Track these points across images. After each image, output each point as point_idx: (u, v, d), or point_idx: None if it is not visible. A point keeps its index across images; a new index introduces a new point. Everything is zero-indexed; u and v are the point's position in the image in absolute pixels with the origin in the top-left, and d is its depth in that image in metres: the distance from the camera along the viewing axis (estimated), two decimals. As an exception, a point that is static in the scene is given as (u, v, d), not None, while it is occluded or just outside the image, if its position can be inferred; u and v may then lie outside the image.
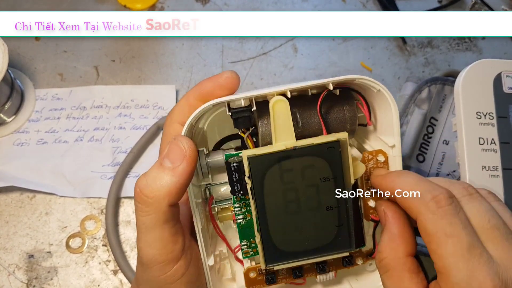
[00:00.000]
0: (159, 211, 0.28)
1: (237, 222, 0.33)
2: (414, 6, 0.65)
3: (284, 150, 0.30)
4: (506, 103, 0.38)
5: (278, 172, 0.30)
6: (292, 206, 0.30)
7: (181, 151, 0.28)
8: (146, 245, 0.29)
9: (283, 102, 0.30)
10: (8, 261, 0.50)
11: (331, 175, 0.30)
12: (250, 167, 0.30)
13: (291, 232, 0.31)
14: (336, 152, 0.30)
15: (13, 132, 0.55)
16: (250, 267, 0.33)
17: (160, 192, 0.28)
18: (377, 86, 0.31)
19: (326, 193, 0.30)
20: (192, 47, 0.61)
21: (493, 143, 0.38)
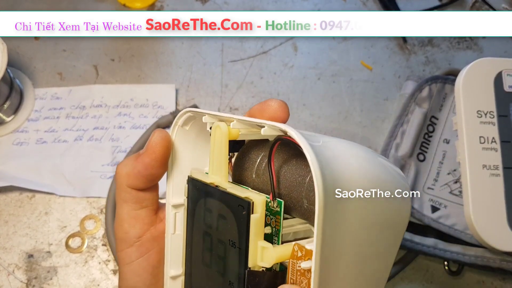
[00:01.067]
0: (119, 188, 0.30)
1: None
2: (414, 4, 0.65)
3: (210, 184, 0.25)
4: (506, 101, 0.38)
5: (204, 207, 0.26)
6: (207, 256, 0.26)
7: (150, 140, 0.29)
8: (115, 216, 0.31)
9: (219, 129, 0.25)
10: (7, 261, 0.50)
11: (237, 242, 0.23)
12: (188, 188, 0.28)
13: (203, 284, 0.27)
14: (244, 217, 0.22)
15: (12, 131, 0.55)
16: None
17: (122, 171, 0.29)
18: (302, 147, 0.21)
19: (232, 262, 0.23)
20: (192, 46, 0.61)
21: (493, 142, 0.38)
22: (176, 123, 0.29)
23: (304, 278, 0.22)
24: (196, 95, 0.58)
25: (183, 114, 0.28)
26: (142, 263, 0.31)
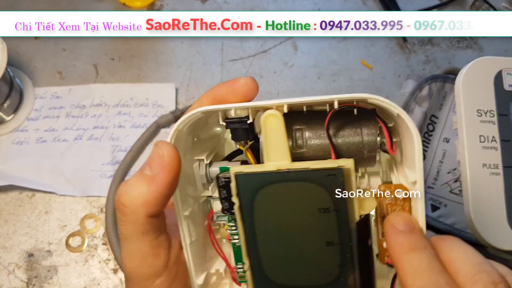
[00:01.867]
0: (136, 222, 0.26)
1: (232, 242, 0.30)
2: (414, 3, 0.65)
3: (276, 171, 0.26)
4: (506, 100, 0.38)
5: (269, 194, 0.26)
6: (286, 234, 0.27)
7: (160, 158, 0.25)
8: (126, 256, 0.27)
9: (275, 117, 0.26)
10: (8, 260, 0.50)
11: (332, 206, 0.26)
12: (237, 185, 0.27)
13: (284, 263, 0.27)
14: (338, 182, 0.26)
15: (12, 130, 0.55)
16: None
17: (137, 201, 0.25)
18: (395, 109, 0.26)
19: (326, 226, 0.26)
20: (192, 46, 0.61)
21: (493, 141, 0.38)
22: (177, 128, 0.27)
23: (396, 206, 0.28)
24: (196, 94, 0.58)
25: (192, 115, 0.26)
26: (174, 286, 0.28)
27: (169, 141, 0.26)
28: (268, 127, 0.26)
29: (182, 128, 0.27)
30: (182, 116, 0.27)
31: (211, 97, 0.29)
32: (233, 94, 0.28)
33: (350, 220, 0.26)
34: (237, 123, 0.27)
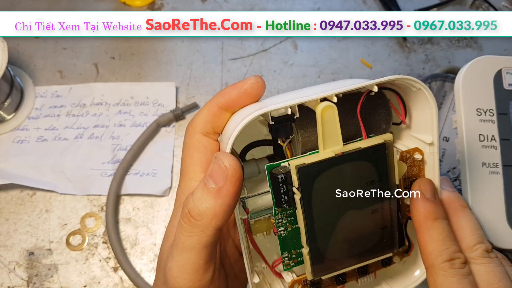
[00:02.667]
0: (203, 234, 0.27)
1: (279, 233, 0.31)
2: (414, 2, 0.65)
3: (332, 157, 0.29)
4: (506, 99, 0.38)
5: (326, 179, 0.29)
6: (339, 213, 0.30)
7: (223, 171, 0.26)
8: (177, 266, 0.27)
9: (332, 109, 0.29)
10: (8, 259, 0.50)
11: (377, 178, 0.30)
12: (299, 177, 0.28)
13: (338, 240, 0.30)
14: (382, 155, 0.30)
15: (12, 129, 0.55)
16: (295, 280, 0.32)
17: (207, 215, 0.26)
18: (418, 85, 0.31)
19: (372, 196, 0.30)
20: (192, 44, 0.61)
21: (493, 140, 0.38)
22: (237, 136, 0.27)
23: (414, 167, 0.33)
24: (196, 93, 0.58)
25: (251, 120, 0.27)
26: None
27: (229, 148, 0.27)
28: (325, 117, 0.29)
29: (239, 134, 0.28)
30: (241, 123, 0.27)
31: (222, 102, 0.30)
32: (246, 96, 0.30)
33: (390, 187, 0.30)
34: (286, 120, 0.29)
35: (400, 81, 0.30)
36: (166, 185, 0.53)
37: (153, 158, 0.54)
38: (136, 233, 0.51)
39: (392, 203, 0.31)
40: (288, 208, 0.30)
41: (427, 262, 0.30)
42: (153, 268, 0.50)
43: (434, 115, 0.31)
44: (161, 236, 0.51)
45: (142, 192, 0.53)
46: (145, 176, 0.53)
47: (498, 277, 0.29)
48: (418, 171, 0.33)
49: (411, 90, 0.31)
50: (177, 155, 0.55)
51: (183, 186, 0.32)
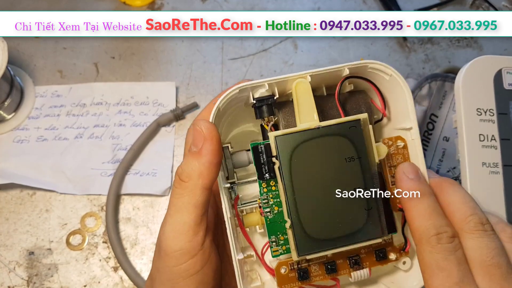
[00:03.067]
0: (193, 193, 0.29)
1: (265, 216, 0.32)
2: (414, 2, 0.65)
3: (308, 129, 0.30)
4: (506, 99, 0.38)
5: (303, 151, 0.30)
6: (320, 188, 0.30)
7: (200, 133, 0.29)
8: (170, 229, 0.29)
9: (305, 83, 0.31)
10: (8, 258, 0.50)
11: (356, 155, 0.30)
12: (276, 146, 0.30)
13: (321, 217, 0.30)
14: (359, 131, 0.31)
15: (12, 129, 0.55)
16: (281, 261, 0.32)
17: (193, 175, 0.29)
18: (389, 71, 0.32)
19: (352, 174, 0.30)
20: (192, 44, 0.61)
21: (493, 140, 0.38)
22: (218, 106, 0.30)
23: (399, 155, 0.33)
24: (196, 93, 0.58)
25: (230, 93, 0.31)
26: (207, 271, 0.30)
27: (210, 119, 0.30)
28: (299, 92, 0.31)
29: (221, 106, 0.31)
30: (221, 95, 0.31)
31: None
32: None
33: (371, 164, 0.31)
34: (265, 100, 0.32)
35: (372, 67, 0.32)
36: (166, 185, 0.53)
37: (153, 158, 0.54)
38: (136, 233, 0.51)
39: (375, 183, 0.31)
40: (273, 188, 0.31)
41: (415, 238, 0.30)
42: (153, 268, 0.50)
43: (408, 100, 0.32)
44: (161, 235, 0.51)
45: (142, 191, 0.53)
46: (145, 175, 0.53)
47: (492, 253, 0.28)
48: (403, 159, 0.34)
49: (385, 79, 0.33)
50: (177, 154, 0.55)
51: None
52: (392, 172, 0.33)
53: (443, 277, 0.28)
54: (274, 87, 0.32)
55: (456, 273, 0.27)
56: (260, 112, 0.32)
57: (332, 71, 0.32)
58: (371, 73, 0.33)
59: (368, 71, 0.33)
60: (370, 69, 0.33)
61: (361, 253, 0.33)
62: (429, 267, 0.28)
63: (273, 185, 0.32)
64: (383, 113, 0.34)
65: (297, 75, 0.31)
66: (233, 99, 0.32)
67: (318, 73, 0.31)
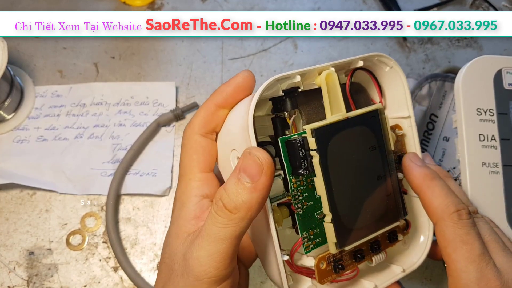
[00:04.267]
0: (238, 226, 0.28)
1: (296, 212, 0.31)
2: (414, 2, 0.65)
3: (339, 120, 0.31)
4: (506, 99, 0.38)
5: (337, 143, 0.30)
6: (353, 178, 0.31)
7: (259, 166, 0.27)
8: (207, 255, 0.28)
9: (334, 74, 0.31)
10: (8, 258, 0.50)
11: (376, 143, 0.32)
12: (316, 138, 0.29)
13: (355, 207, 0.31)
14: (377, 121, 0.32)
15: (12, 129, 0.55)
16: (320, 256, 0.31)
17: (243, 208, 0.27)
18: (391, 63, 0.34)
19: (375, 162, 0.32)
20: (192, 44, 0.61)
21: (493, 140, 0.38)
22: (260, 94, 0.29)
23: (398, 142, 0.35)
24: (196, 92, 0.58)
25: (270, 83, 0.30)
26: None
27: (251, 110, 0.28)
28: (329, 83, 0.31)
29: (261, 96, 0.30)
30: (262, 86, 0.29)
31: (219, 99, 0.32)
32: (241, 89, 0.32)
33: (388, 152, 0.32)
34: (293, 91, 0.31)
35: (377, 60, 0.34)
36: (166, 185, 0.53)
37: (153, 158, 0.54)
38: (136, 233, 0.51)
39: (391, 169, 0.32)
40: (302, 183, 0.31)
41: (435, 217, 0.32)
42: (153, 268, 0.50)
43: (406, 89, 0.34)
44: (161, 235, 0.51)
45: (142, 191, 0.53)
46: (145, 175, 0.53)
47: (488, 232, 0.33)
48: (401, 145, 0.36)
49: (384, 71, 0.35)
50: (177, 154, 0.55)
51: (183, 186, 0.33)
52: (395, 157, 0.34)
53: (467, 250, 0.30)
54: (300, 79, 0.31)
55: (478, 246, 0.30)
56: (283, 105, 0.31)
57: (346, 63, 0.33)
58: (372, 64, 0.35)
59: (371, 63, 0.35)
60: (376, 61, 0.34)
61: (379, 237, 0.34)
62: (452, 241, 0.31)
63: (301, 180, 0.31)
64: (381, 102, 0.36)
65: (321, 66, 0.32)
66: None
67: (338, 64, 0.33)
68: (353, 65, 0.34)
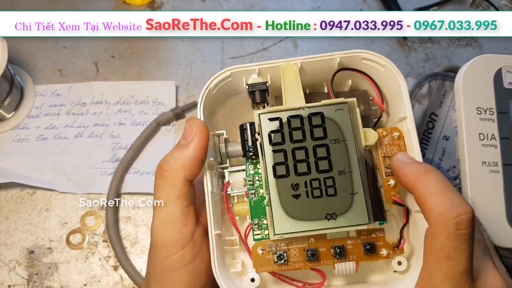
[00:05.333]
0: (174, 185, 0.30)
1: (249, 197, 0.32)
2: (414, 1, 0.65)
3: (292, 108, 0.31)
4: (506, 98, 0.38)
5: (287, 130, 0.31)
6: (302, 166, 0.30)
7: (192, 127, 0.30)
8: (157, 222, 0.30)
9: (292, 67, 0.33)
10: (8, 257, 0.50)
11: (342, 137, 0.31)
12: (260, 123, 0.31)
13: (302, 198, 0.30)
14: (345, 114, 0.31)
15: (12, 128, 0.55)
16: (258, 242, 0.32)
17: (176, 165, 0.30)
18: (383, 61, 0.33)
19: (337, 155, 0.30)
20: (192, 43, 0.61)
21: (493, 139, 0.38)
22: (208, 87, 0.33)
23: (394, 146, 0.33)
24: (196, 92, 0.58)
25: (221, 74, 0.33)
26: (199, 263, 0.30)
27: (200, 100, 0.33)
28: (286, 74, 0.33)
29: (211, 87, 0.33)
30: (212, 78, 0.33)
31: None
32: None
33: (358, 149, 0.31)
34: (258, 85, 0.33)
35: (367, 60, 0.33)
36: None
37: (153, 157, 0.54)
38: (136, 232, 0.52)
39: (361, 167, 0.30)
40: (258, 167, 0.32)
41: (430, 218, 0.27)
42: (153, 267, 0.50)
43: (403, 90, 0.33)
44: (161, 234, 0.51)
45: (142, 190, 0.53)
46: (145, 174, 0.53)
47: None
48: (399, 149, 0.33)
49: (380, 71, 0.33)
50: (177, 154, 0.55)
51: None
52: (387, 162, 0.33)
53: (449, 266, 0.27)
54: (267, 74, 0.33)
55: (464, 263, 0.27)
56: (253, 98, 0.33)
57: (323, 59, 0.33)
58: (365, 65, 0.34)
59: (362, 62, 0.34)
60: (364, 60, 0.33)
61: (347, 244, 0.32)
62: (438, 252, 0.27)
63: (260, 167, 0.32)
64: (381, 108, 0.34)
65: (286, 61, 0.33)
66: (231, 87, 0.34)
67: (308, 60, 0.33)
68: (331, 63, 0.34)
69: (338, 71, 0.34)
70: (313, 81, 0.35)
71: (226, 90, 0.34)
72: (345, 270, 0.31)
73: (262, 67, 0.33)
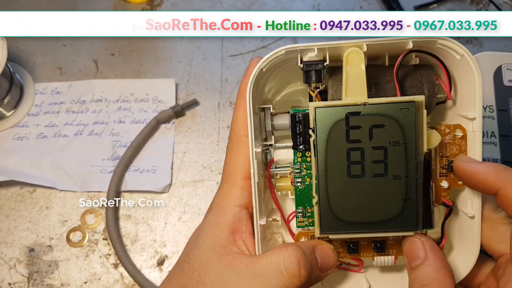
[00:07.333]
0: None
1: (295, 185, 0.30)
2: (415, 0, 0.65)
3: (353, 104, 0.28)
4: (506, 96, 0.38)
5: (344, 128, 0.28)
6: (356, 168, 0.28)
7: None
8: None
9: (358, 53, 0.29)
10: (9, 255, 0.50)
11: (402, 139, 0.28)
12: (315, 118, 0.28)
13: (352, 199, 0.29)
14: (410, 115, 0.28)
15: (12, 126, 0.55)
16: (301, 231, 0.31)
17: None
18: (461, 50, 0.29)
19: (395, 159, 0.28)
20: (192, 41, 0.61)
21: (493, 136, 0.38)
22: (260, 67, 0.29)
23: (454, 145, 0.30)
24: (196, 89, 0.58)
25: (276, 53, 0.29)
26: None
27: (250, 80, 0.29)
28: (350, 62, 0.28)
29: (264, 67, 0.30)
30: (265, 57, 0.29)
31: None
32: None
33: (417, 153, 0.28)
34: (316, 65, 0.29)
35: (442, 43, 0.29)
36: (166, 182, 0.53)
37: (153, 155, 0.54)
38: (136, 230, 0.52)
39: (418, 173, 0.28)
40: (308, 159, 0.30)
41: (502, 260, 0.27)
42: (153, 265, 0.50)
43: (477, 87, 0.29)
44: (161, 232, 0.51)
45: (142, 188, 0.53)
46: (145, 172, 0.53)
47: None
48: (459, 151, 0.30)
49: (456, 59, 0.30)
50: (176, 151, 0.55)
51: (224, 192, 0.32)
52: (443, 162, 0.30)
53: None
54: (326, 52, 0.29)
55: None
56: (307, 77, 0.30)
57: (394, 43, 0.30)
58: (440, 49, 0.30)
59: (437, 47, 0.30)
60: (439, 45, 0.30)
61: (389, 239, 0.31)
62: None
63: (309, 156, 0.30)
64: (448, 95, 0.31)
65: (352, 43, 0.29)
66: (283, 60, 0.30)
67: (377, 42, 0.29)
68: (403, 46, 0.30)
69: (408, 53, 0.30)
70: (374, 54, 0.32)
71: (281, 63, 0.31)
72: (383, 262, 0.31)
73: (322, 47, 0.29)
